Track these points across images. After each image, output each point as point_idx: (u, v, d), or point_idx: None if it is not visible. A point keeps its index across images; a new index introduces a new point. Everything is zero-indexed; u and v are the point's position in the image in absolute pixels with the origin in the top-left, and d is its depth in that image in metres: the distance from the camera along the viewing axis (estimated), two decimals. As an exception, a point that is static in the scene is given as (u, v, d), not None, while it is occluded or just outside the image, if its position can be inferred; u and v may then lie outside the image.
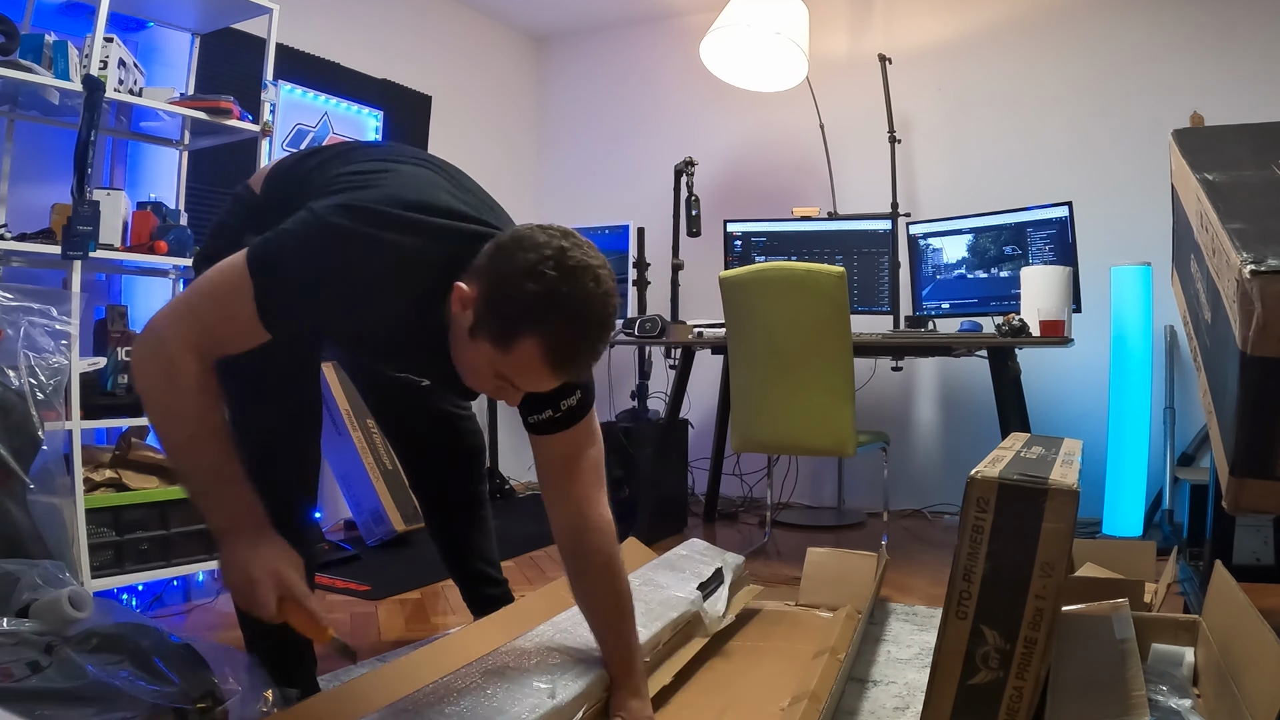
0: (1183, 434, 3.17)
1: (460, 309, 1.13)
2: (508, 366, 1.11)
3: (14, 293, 1.88)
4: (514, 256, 1.09)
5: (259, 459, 1.21)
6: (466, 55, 4.15)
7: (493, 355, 1.11)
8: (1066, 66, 3.46)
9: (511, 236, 1.12)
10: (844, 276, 2.48)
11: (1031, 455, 1.28)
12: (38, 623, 1.20)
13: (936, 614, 1.84)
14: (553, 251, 1.08)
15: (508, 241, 1.11)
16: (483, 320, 1.11)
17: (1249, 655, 1.22)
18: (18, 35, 1.99)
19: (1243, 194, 1.39)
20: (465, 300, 1.12)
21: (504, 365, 1.12)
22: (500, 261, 1.10)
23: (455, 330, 1.15)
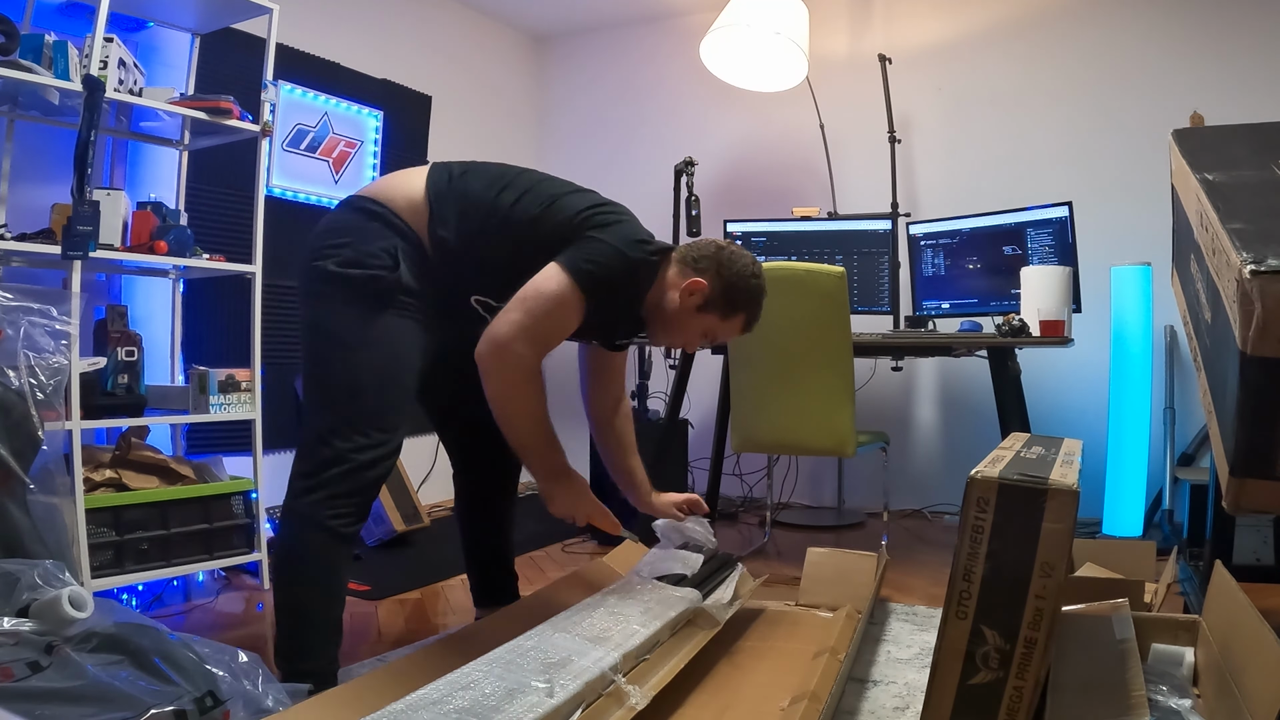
0: (1183, 434, 3.17)
1: (688, 295, 1.69)
2: (721, 329, 1.75)
3: (14, 293, 1.88)
4: (736, 263, 1.71)
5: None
6: (466, 55, 4.15)
7: (714, 323, 1.73)
8: (1066, 66, 3.46)
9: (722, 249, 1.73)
10: (844, 276, 2.48)
11: (1031, 455, 1.28)
12: (37, 623, 1.20)
13: (936, 614, 1.84)
14: (752, 261, 1.75)
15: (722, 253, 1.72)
16: (715, 302, 1.70)
17: (1249, 655, 1.22)
18: (18, 35, 1.99)
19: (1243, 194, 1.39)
20: (697, 290, 1.69)
21: (719, 328, 1.75)
22: (728, 266, 1.71)
23: (675, 308, 1.71)
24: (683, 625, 1.62)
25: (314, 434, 1.52)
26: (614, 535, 1.90)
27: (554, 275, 1.55)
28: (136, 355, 2.23)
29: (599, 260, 1.58)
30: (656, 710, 1.39)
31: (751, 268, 1.74)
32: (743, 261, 1.73)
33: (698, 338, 1.77)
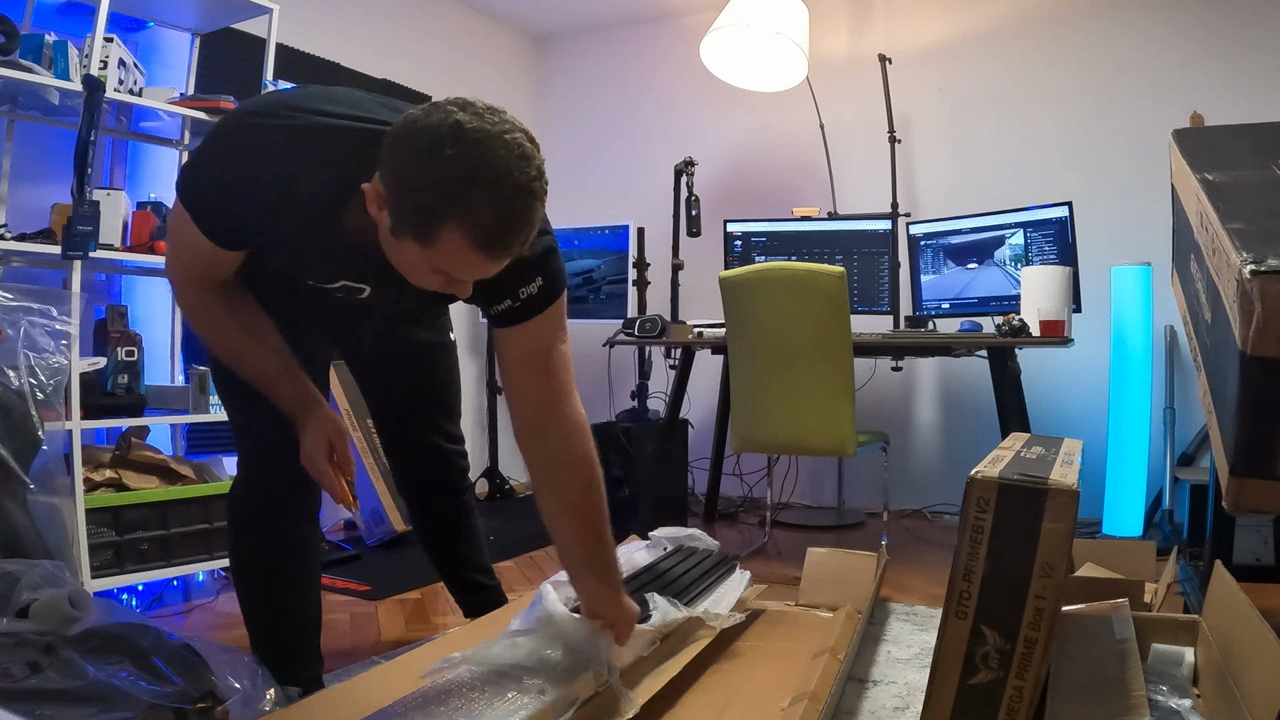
0: (1183, 434, 3.17)
1: (376, 211, 1.07)
2: (439, 260, 1.05)
3: (14, 293, 1.88)
4: (410, 144, 1.01)
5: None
6: (466, 55, 4.15)
7: (420, 252, 1.05)
8: (1066, 66, 3.46)
9: (404, 122, 1.03)
10: (844, 276, 2.48)
11: (1031, 455, 1.28)
12: (37, 623, 1.20)
13: (936, 614, 1.84)
14: (448, 129, 0.99)
15: (401, 129, 1.02)
16: (398, 219, 1.04)
17: (1249, 655, 1.22)
18: (18, 35, 1.99)
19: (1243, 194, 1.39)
20: (377, 201, 1.06)
21: (435, 260, 1.05)
22: (398, 152, 1.02)
23: (382, 234, 1.09)
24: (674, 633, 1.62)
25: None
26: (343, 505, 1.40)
27: None
28: (136, 355, 2.23)
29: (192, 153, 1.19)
30: (656, 711, 1.39)
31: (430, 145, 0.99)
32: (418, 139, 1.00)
33: (429, 276, 1.09)
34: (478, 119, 1.01)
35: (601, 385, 3.81)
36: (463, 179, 0.98)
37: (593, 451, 1.32)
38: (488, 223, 1.01)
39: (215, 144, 1.13)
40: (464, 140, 0.99)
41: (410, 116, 1.03)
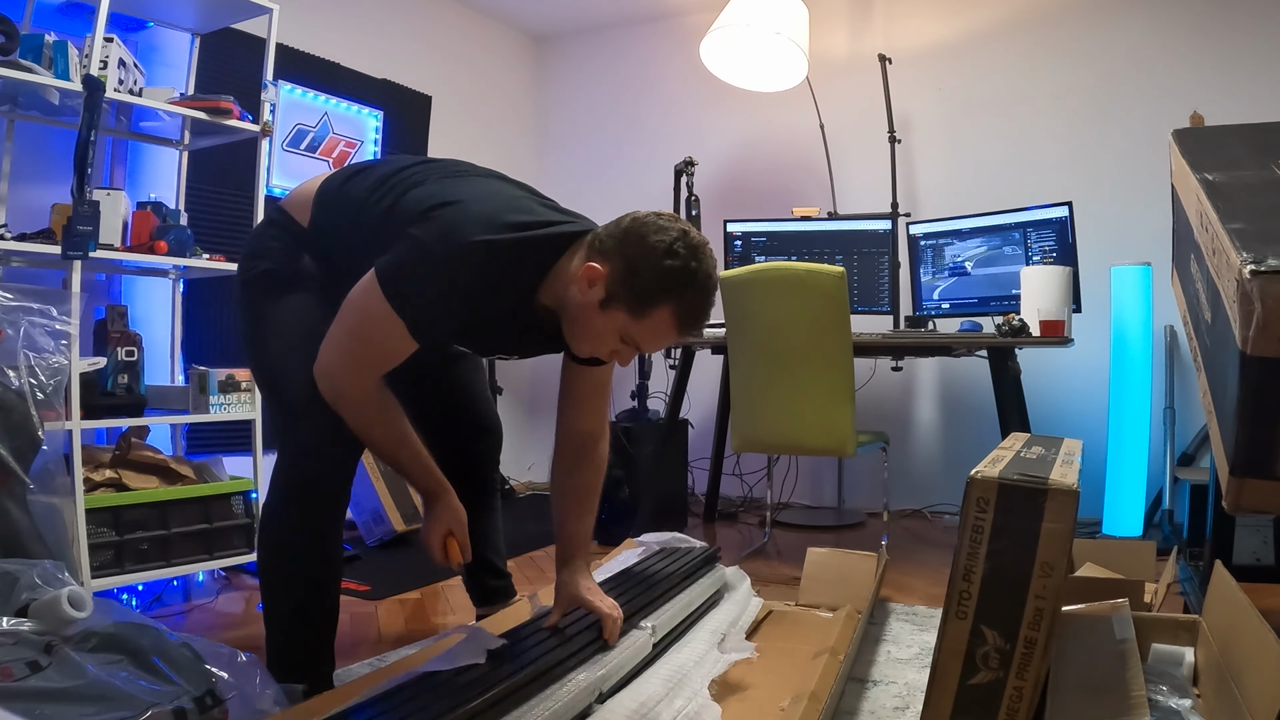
0: (1183, 434, 3.17)
1: (587, 286, 1.31)
2: (639, 331, 1.31)
3: (14, 293, 1.88)
4: (647, 239, 1.29)
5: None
6: (466, 55, 4.15)
7: (626, 323, 1.31)
8: (1066, 66, 3.46)
9: (637, 222, 1.32)
10: (844, 276, 2.48)
11: (1031, 455, 1.28)
12: (36, 622, 1.20)
13: (936, 614, 1.84)
14: (678, 234, 1.29)
15: (635, 226, 1.31)
16: (618, 294, 1.29)
17: (1249, 655, 1.22)
18: (18, 35, 1.99)
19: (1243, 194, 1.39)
20: (595, 278, 1.30)
21: (635, 330, 1.31)
22: (634, 243, 1.29)
23: (578, 305, 1.33)
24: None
25: (276, 435, 1.54)
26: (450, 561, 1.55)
27: (365, 285, 1.31)
28: (136, 355, 2.23)
29: (404, 263, 1.29)
30: (656, 710, 1.39)
31: (671, 243, 1.28)
32: (658, 235, 1.28)
33: (613, 343, 1.35)
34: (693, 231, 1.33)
35: (601, 385, 3.81)
36: (687, 273, 1.29)
37: (603, 455, 1.63)
38: (691, 309, 1.31)
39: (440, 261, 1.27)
40: (690, 245, 1.29)
41: (644, 220, 1.32)
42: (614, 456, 3.19)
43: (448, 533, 1.52)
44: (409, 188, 1.40)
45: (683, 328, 1.32)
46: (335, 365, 1.35)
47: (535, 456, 4.26)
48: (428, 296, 1.29)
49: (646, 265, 1.28)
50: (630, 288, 1.29)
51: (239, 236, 2.66)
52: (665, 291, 1.28)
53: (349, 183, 1.50)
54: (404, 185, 1.41)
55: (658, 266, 1.27)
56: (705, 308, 1.33)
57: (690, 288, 1.29)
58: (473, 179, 1.46)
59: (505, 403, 4.17)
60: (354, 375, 1.35)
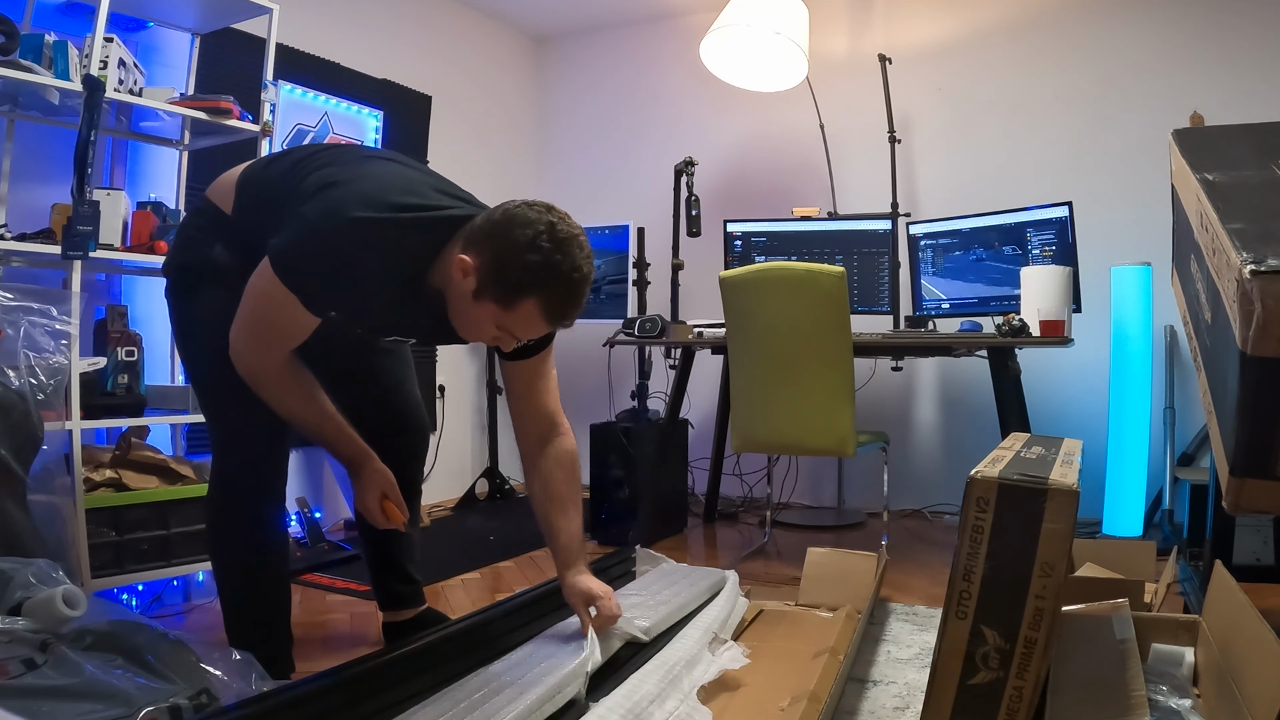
0: (1183, 434, 3.16)
1: (461, 276, 1.34)
2: (510, 322, 1.36)
3: (14, 293, 1.88)
4: (512, 232, 1.31)
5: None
6: (466, 55, 4.15)
7: (497, 313, 1.35)
8: (1066, 66, 3.46)
9: (505, 214, 1.34)
10: (844, 276, 2.48)
11: (1031, 455, 1.28)
12: (31, 620, 1.20)
13: (936, 614, 1.84)
14: (545, 226, 1.32)
15: (503, 219, 1.34)
16: (487, 285, 1.33)
17: (1249, 655, 1.22)
18: (18, 35, 1.99)
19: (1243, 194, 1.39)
20: (467, 269, 1.34)
21: (507, 321, 1.36)
22: (500, 236, 1.32)
23: (456, 294, 1.38)
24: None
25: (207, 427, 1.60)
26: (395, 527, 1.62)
27: (262, 265, 1.37)
28: (136, 355, 2.23)
29: (293, 240, 1.34)
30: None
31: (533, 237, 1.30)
32: (524, 229, 1.31)
33: (491, 330, 1.39)
34: (562, 222, 1.35)
35: (601, 385, 3.81)
36: (550, 267, 1.31)
37: (576, 451, 1.67)
38: (558, 302, 1.35)
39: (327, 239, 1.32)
40: (555, 238, 1.32)
41: (511, 212, 1.35)
42: (614, 456, 3.19)
43: (382, 495, 1.57)
44: (314, 169, 1.45)
45: (550, 320, 1.37)
46: (244, 345, 1.42)
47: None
48: (316, 271, 1.34)
49: (511, 259, 1.31)
50: (497, 281, 1.33)
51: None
52: (529, 285, 1.32)
53: (269, 168, 1.56)
54: (311, 167, 1.46)
55: (521, 261, 1.31)
56: (570, 300, 1.36)
57: (554, 281, 1.32)
58: (375, 161, 1.50)
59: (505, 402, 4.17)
60: (262, 353, 1.42)
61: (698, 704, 1.39)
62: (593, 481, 3.22)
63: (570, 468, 1.63)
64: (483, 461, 4.06)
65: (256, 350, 1.42)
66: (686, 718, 1.35)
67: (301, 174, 1.46)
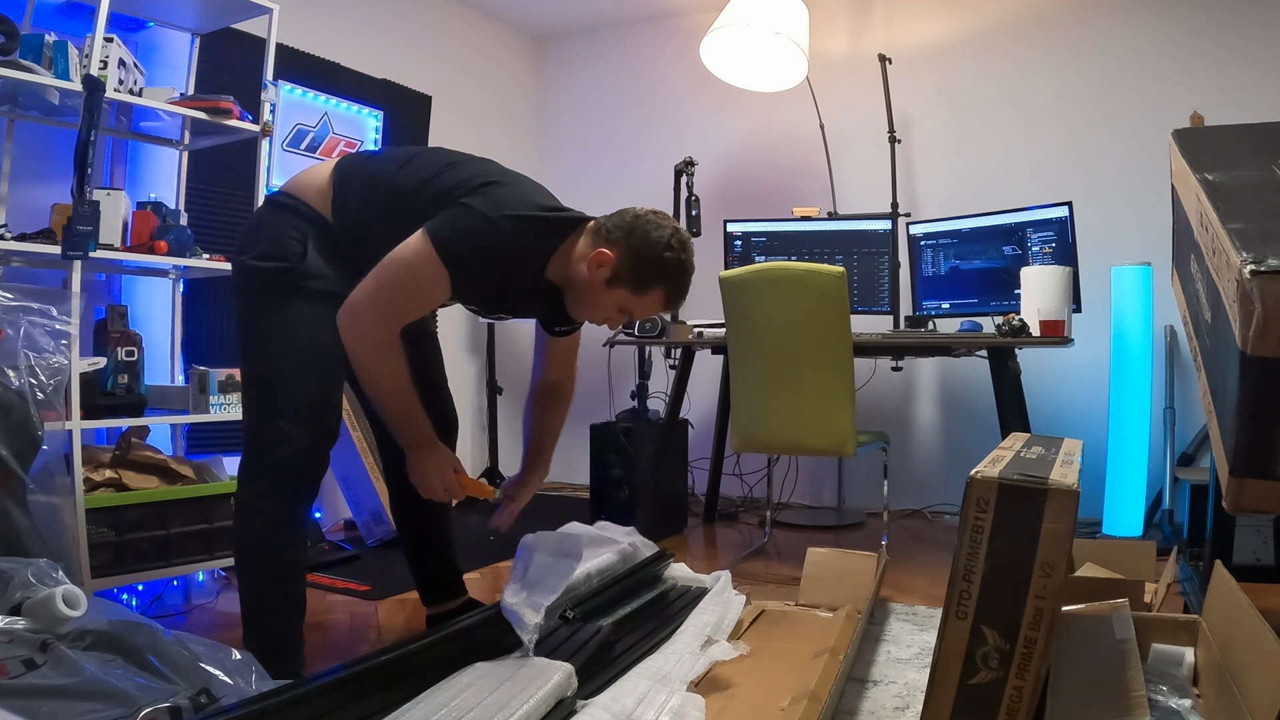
0: (1183, 434, 3.16)
1: (597, 267, 1.60)
2: (636, 305, 1.64)
3: (14, 293, 1.88)
4: (650, 233, 1.60)
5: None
6: (466, 55, 4.15)
7: (627, 298, 1.63)
8: (1066, 66, 3.46)
9: (636, 218, 1.62)
10: (844, 276, 2.48)
11: (1031, 455, 1.28)
12: (31, 620, 1.20)
13: (936, 614, 1.84)
14: (672, 230, 1.63)
15: (637, 222, 1.61)
16: (622, 274, 1.60)
17: (1249, 655, 1.22)
18: (18, 35, 1.98)
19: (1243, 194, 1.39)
20: (604, 261, 1.60)
21: (634, 304, 1.64)
22: (639, 236, 1.60)
23: (585, 280, 1.62)
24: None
25: (248, 426, 1.61)
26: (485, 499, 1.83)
27: (414, 242, 1.51)
28: (136, 355, 2.23)
29: (461, 227, 1.52)
30: (656, 710, 1.39)
31: (668, 239, 1.61)
32: (658, 232, 1.61)
33: (612, 313, 1.66)
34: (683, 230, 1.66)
35: (601, 385, 3.81)
36: (679, 264, 1.63)
37: (566, 399, 1.98)
38: (678, 291, 1.67)
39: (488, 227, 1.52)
40: (682, 242, 1.64)
41: (643, 217, 1.63)
42: (614, 456, 3.19)
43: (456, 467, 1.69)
44: (443, 167, 1.62)
45: (669, 304, 1.67)
46: (368, 309, 1.51)
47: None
48: (474, 255, 1.52)
49: (649, 255, 1.60)
50: (634, 271, 1.60)
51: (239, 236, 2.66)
52: (662, 277, 1.62)
53: (368, 163, 1.71)
54: (437, 164, 1.64)
55: (658, 257, 1.60)
56: (686, 290, 1.68)
57: (680, 275, 1.64)
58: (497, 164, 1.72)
59: (505, 402, 4.17)
60: (387, 324, 1.53)
61: (689, 694, 1.39)
62: (593, 481, 3.22)
63: (563, 415, 1.97)
64: (483, 461, 4.06)
65: (383, 320, 1.53)
66: (679, 709, 1.34)
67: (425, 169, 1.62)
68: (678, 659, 1.53)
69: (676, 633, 1.69)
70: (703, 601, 1.87)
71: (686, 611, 1.81)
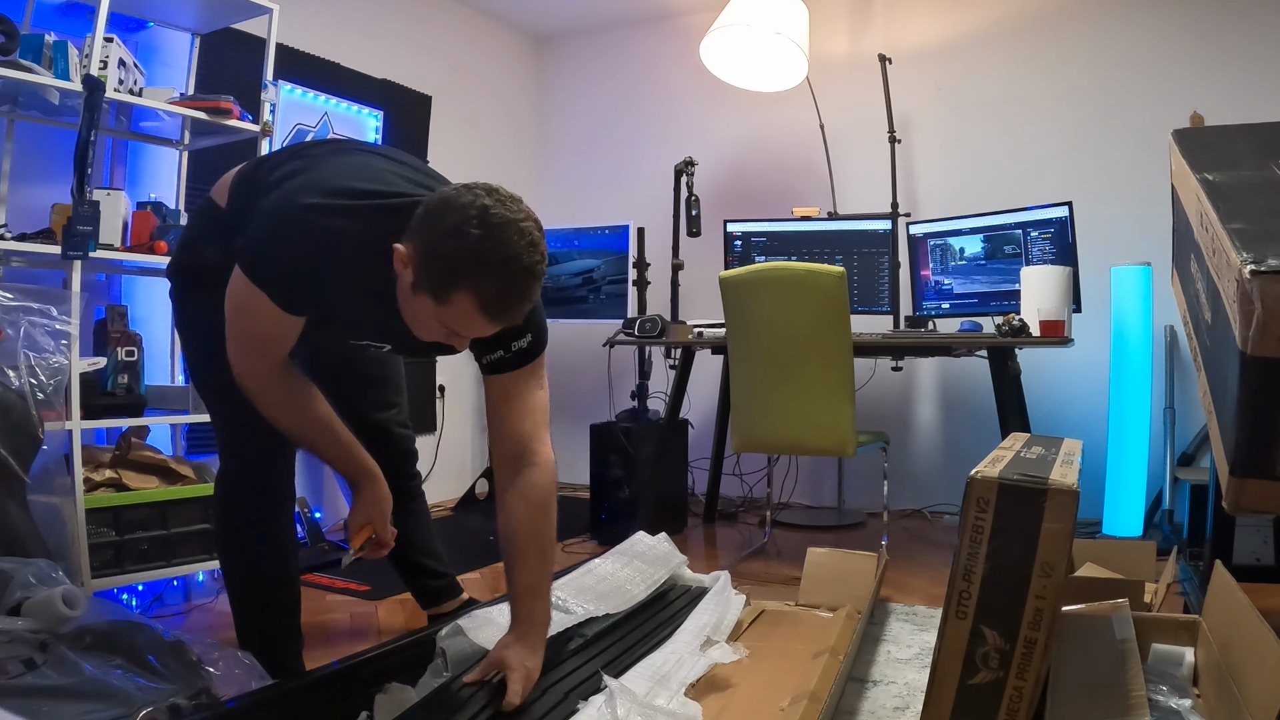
0: (1183, 434, 3.16)
1: (401, 267, 1.22)
2: (448, 318, 1.21)
3: (14, 293, 1.88)
4: (441, 218, 1.17)
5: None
6: (466, 55, 4.15)
7: (433, 308, 1.21)
8: (1066, 66, 3.46)
9: (439, 198, 1.20)
10: (844, 276, 2.48)
11: (1031, 455, 1.28)
12: (31, 620, 1.20)
13: (936, 614, 1.84)
14: (476, 211, 1.16)
15: (435, 203, 1.20)
16: (420, 277, 1.20)
17: (1249, 655, 1.22)
18: (18, 35, 1.98)
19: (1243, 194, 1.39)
20: (403, 259, 1.22)
21: (445, 317, 1.21)
22: (429, 223, 1.19)
23: (400, 288, 1.25)
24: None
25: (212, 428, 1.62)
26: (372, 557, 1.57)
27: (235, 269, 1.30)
28: (136, 355, 2.23)
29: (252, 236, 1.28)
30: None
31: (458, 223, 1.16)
32: (449, 216, 1.17)
33: (436, 328, 1.25)
34: (500, 205, 1.18)
35: (601, 385, 3.81)
36: (480, 256, 1.16)
37: (552, 493, 1.44)
38: (493, 295, 1.18)
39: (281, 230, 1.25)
40: (486, 223, 1.16)
41: (444, 194, 1.21)
42: (614, 456, 3.19)
43: (365, 522, 1.51)
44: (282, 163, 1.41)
45: (487, 314, 1.20)
46: (234, 355, 1.36)
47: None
48: (279, 265, 1.26)
49: (437, 246, 1.18)
50: (427, 272, 1.19)
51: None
52: (459, 276, 1.17)
53: (261, 166, 1.50)
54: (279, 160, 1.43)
55: (446, 248, 1.17)
56: (509, 292, 1.19)
57: (485, 270, 1.16)
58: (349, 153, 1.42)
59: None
60: (249, 361, 1.36)
61: (686, 700, 1.39)
62: (593, 481, 3.22)
63: (538, 504, 1.40)
64: (482, 461, 4.06)
65: (242, 357, 1.36)
66: (676, 714, 1.34)
67: (271, 168, 1.41)
68: (677, 659, 1.53)
69: (676, 633, 1.68)
70: (702, 601, 1.87)
71: (686, 611, 1.80)
